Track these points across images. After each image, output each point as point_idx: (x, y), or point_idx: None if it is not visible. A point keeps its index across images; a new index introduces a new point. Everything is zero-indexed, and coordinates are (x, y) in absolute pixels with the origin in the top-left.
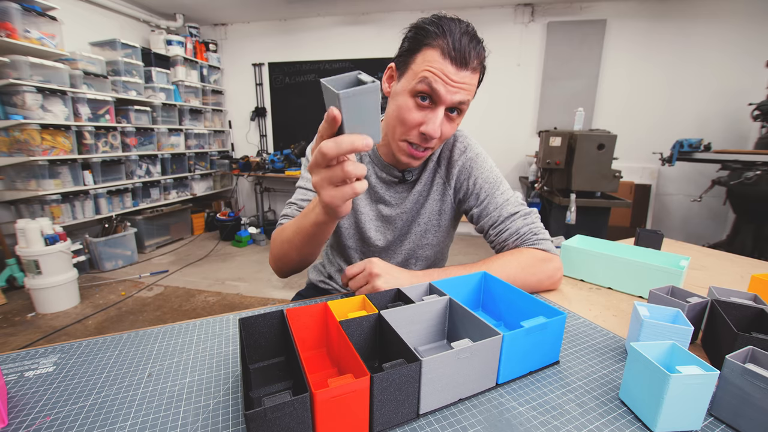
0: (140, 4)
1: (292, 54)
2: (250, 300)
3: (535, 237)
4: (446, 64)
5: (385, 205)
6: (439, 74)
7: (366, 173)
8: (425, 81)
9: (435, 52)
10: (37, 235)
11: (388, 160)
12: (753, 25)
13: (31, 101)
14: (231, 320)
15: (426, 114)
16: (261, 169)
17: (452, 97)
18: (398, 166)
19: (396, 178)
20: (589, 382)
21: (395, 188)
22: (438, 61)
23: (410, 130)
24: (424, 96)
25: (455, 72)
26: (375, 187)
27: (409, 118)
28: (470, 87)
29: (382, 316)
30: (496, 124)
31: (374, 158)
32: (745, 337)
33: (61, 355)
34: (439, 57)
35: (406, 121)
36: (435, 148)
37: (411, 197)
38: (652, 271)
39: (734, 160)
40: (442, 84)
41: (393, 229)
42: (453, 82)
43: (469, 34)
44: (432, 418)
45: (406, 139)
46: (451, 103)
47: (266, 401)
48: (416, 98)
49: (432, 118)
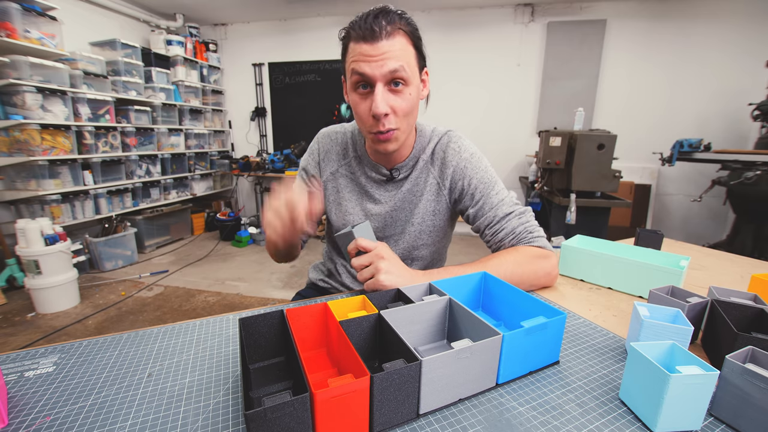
0: (140, 4)
1: (292, 54)
2: (250, 300)
3: (530, 235)
4: (360, 46)
5: (374, 204)
6: (360, 57)
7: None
8: (353, 70)
9: (353, 43)
10: (37, 235)
11: (375, 159)
12: (753, 25)
13: (31, 101)
14: (231, 320)
15: (369, 99)
16: (261, 169)
17: (380, 70)
18: (387, 165)
19: (384, 177)
20: (589, 382)
21: (385, 186)
22: (356, 48)
23: (367, 121)
24: (363, 85)
25: (370, 47)
26: (365, 186)
27: (360, 110)
28: (397, 53)
29: (382, 316)
30: (496, 124)
31: (363, 158)
32: (745, 337)
33: (61, 355)
34: (355, 44)
35: (359, 114)
36: (404, 129)
37: (399, 195)
38: (652, 271)
39: (734, 160)
40: (365, 64)
41: (383, 227)
42: (371, 56)
43: (375, 11)
44: (432, 418)
45: (369, 131)
46: (382, 76)
47: (266, 401)
48: (358, 90)
49: (374, 99)
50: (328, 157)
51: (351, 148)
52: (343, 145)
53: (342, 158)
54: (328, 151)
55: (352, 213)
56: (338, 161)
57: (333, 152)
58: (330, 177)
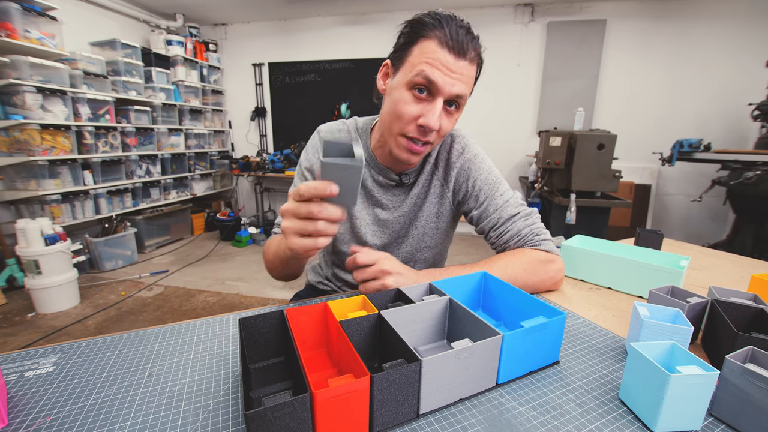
0: (140, 4)
1: (292, 54)
2: (250, 300)
3: (536, 238)
4: (444, 53)
5: (382, 209)
6: (437, 64)
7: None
8: (423, 72)
9: (432, 43)
10: (37, 235)
11: (384, 163)
12: (753, 25)
13: (31, 101)
14: (231, 320)
15: (424, 106)
16: (261, 169)
17: (451, 88)
18: (395, 169)
19: (393, 182)
20: (589, 382)
21: (392, 191)
22: (436, 51)
23: (408, 124)
24: (421, 88)
25: (454, 61)
26: (372, 191)
27: (407, 111)
28: (468, 79)
29: (382, 316)
30: (496, 124)
31: (371, 162)
32: (745, 337)
33: (61, 355)
34: (436, 47)
35: (403, 114)
36: (434, 145)
37: (408, 200)
38: (652, 271)
39: (734, 160)
40: (441, 74)
41: (390, 233)
42: (451, 71)
43: (465, 26)
44: (432, 418)
45: (404, 134)
46: (450, 94)
47: (266, 401)
48: (413, 90)
49: (430, 110)
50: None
51: None
52: None
53: None
54: None
55: (358, 217)
56: None
57: None
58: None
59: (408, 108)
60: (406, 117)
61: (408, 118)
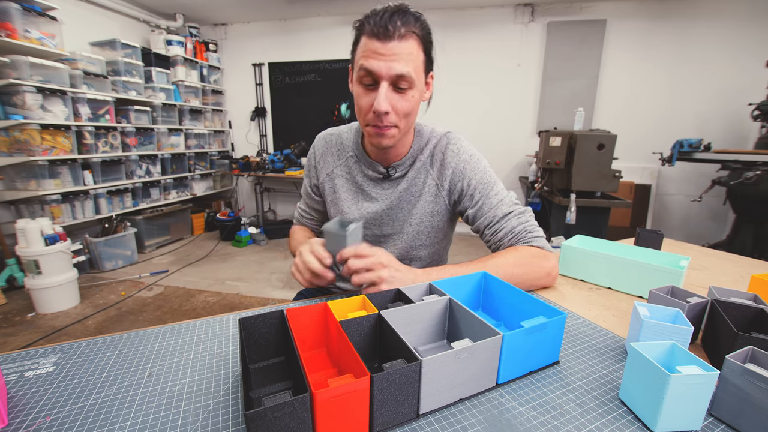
0: (140, 4)
1: (292, 54)
2: (250, 300)
3: (530, 235)
4: (372, 42)
5: (370, 202)
6: (369, 53)
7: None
8: (362, 65)
9: (365, 37)
10: (37, 235)
11: (372, 157)
12: (753, 25)
13: (31, 101)
14: (231, 320)
15: (372, 95)
16: (261, 169)
17: (387, 71)
18: (384, 163)
19: (381, 175)
20: (589, 382)
21: (381, 185)
22: (367, 43)
23: (366, 114)
24: (367, 81)
25: (381, 45)
26: (361, 184)
27: (362, 103)
28: (405, 56)
29: (382, 316)
30: (496, 124)
31: (359, 156)
32: (745, 337)
33: (61, 355)
34: (367, 39)
35: (360, 107)
36: (402, 128)
37: (396, 193)
38: (652, 271)
39: (734, 160)
40: (374, 61)
41: (380, 226)
42: (381, 55)
43: (392, 9)
44: (432, 418)
45: (368, 123)
46: (389, 76)
47: (266, 401)
48: (362, 84)
49: (377, 96)
50: (323, 159)
51: (349, 147)
52: (338, 146)
53: (337, 158)
54: (324, 153)
55: (348, 212)
56: (333, 162)
57: (328, 154)
58: (326, 178)
59: (362, 100)
60: (363, 109)
61: (365, 108)
